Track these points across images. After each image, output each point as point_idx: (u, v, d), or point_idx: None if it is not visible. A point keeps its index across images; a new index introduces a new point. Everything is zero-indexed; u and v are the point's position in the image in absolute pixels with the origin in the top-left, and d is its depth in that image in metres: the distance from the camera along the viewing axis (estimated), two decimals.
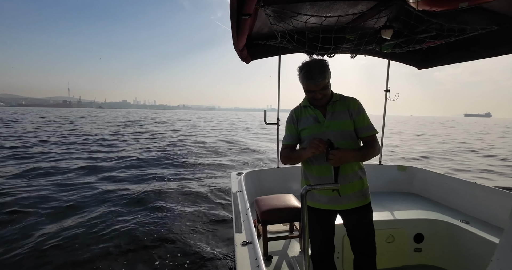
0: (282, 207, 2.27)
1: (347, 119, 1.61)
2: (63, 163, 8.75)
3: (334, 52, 2.76)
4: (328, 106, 1.64)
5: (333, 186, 1.41)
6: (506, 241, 0.71)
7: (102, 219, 4.47)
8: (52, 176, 7.11)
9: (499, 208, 2.42)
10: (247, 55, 2.97)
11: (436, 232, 2.40)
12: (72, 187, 6.23)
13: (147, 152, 11.00)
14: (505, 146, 17.65)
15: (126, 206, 5.14)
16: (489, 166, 10.38)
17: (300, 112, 1.73)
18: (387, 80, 3.48)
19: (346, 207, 1.63)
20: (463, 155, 13.20)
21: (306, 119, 1.68)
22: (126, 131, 21.34)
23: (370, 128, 1.63)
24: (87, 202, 5.27)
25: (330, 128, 1.60)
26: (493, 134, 28.99)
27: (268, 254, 2.24)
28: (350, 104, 1.65)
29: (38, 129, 21.22)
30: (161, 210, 4.94)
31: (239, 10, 1.64)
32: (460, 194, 2.82)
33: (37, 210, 4.77)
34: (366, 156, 1.57)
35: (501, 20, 2.06)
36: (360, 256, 1.73)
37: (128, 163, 8.92)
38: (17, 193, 5.61)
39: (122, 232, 4.04)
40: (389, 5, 1.96)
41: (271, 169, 3.48)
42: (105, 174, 7.47)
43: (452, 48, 2.78)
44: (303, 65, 1.59)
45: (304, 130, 1.68)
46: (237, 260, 1.39)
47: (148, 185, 6.53)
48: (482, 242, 2.08)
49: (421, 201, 3.12)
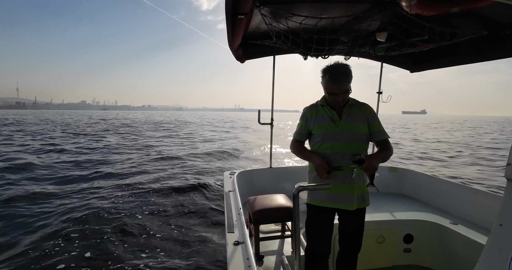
0: (274, 207, 2.28)
1: (363, 123, 1.70)
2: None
3: (328, 54, 2.77)
4: (344, 109, 1.72)
5: (325, 186, 1.42)
6: (493, 242, 0.72)
7: (92, 219, 4.41)
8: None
9: (486, 210, 2.48)
10: (242, 54, 2.96)
11: (425, 233, 2.44)
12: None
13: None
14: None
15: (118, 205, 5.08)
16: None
17: (316, 110, 1.79)
18: (380, 83, 3.52)
19: (349, 208, 1.67)
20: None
21: (322, 118, 1.74)
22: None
23: (384, 132, 1.74)
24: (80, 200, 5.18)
25: (345, 129, 1.68)
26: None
27: (259, 254, 2.24)
28: (367, 109, 1.75)
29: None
30: (153, 208, 4.89)
31: (234, 10, 1.64)
32: (449, 195, 2.87)
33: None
34: (386, 157, 1.67)
35: (491, 25, 2.10)
36: (345, 249, 1.82)
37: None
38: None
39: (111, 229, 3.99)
40: (383, 8, 1.98)
41: (264, 169, 3.49)
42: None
43: (444, 53, 2.83)
44: (329, 68, 1.66)
45: (318, 128, 1.74)
46: (228, 260, 1.39)
47: (138, 182, 6.46)
48: (469, 243, 2.12)
49: (411, 202, 3.17)
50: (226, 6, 1.59)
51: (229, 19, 1.78)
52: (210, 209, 4.99)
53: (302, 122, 1.84)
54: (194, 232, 4.09)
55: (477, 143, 18.44)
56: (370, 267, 2.33)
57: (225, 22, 1.89)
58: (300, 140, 1.84)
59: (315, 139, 1.76)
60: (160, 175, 7.36)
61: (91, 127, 27.30)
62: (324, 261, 1.80)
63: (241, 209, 2.01)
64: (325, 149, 1.69)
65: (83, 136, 17.65)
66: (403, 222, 2.47)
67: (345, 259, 1.84)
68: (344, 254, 1.84)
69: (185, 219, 4.54)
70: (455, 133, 27.44)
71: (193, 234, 4.02)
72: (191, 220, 4.49)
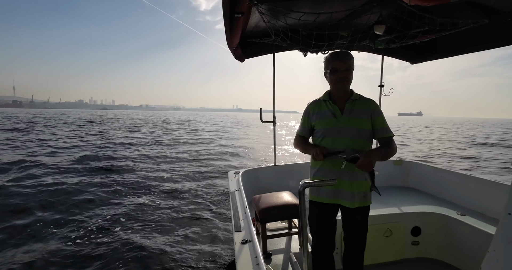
0: (280, 204, 2.28)
1: (366, 118, 1.64)
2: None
3: (328, 49, 2.76)
4: (346, 104, 1.67)
5: (330, 182, 1.42)
6: (501, 232, 0.72)
7: (95, 219, 4.44)
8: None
9: (494, 200, 2.46)
10: (241, 53, 2.95)
11: (433, 225, 2.43)
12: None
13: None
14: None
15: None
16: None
17: (318, 105, 1.76)
18: (381, 76, 3.50)
19: (350, 205, 1.64)
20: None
21: (324, 113, 1.71)
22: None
23: (387, 130, 1.67)
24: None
25: (346, 124, 1.63)
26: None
27: (267, 252, 2.25)
28: (371, 105, 1.68)
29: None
30: (159, 210, 4.92)
31: (232, 9, 1.63)
32: (456, 187, 2.85)
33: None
34: (386, 155, 1.59)
35: (492, 13, 2.08)
36: (349, 249, 1.78)
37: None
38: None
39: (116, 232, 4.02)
40: (382, 1, 1.96)
41: (268, 167, 3.49)
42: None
43: (445, 43, 2.80)
44: (329, 52, 1.72)
45: (320, 123, 1.71)
46: (236, 259, 1.39)
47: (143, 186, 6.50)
48: (478, 234, 2.11)
49: (417, 194, 3.15)
50: (223, 5, 1.58)
51: (226, 18, 1.77)
52: (216, 208, 5.01)
53: (304, 117, 1.82)
54: (201, 232, 4.11)
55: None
56: (378, 261, 2.33)
57: (223, 22, 1.88)
58: (303, 135, 1.82)
59: (317, 134, 1.74)
60: (164, 176, 7.40)
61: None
62: (329, 259, 1.77)
63: (247, 208, 2.02)
64: (326, 145, 1.66)
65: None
66: (410, 215, 2.46)
67: (350, 257, 1.80)
68: (347, 254, 1.80)
69: (191, 219, 4.56)
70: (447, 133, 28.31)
71: (200, 233, 4.04)
72: (197, 221, 4.51)
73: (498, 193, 2.45)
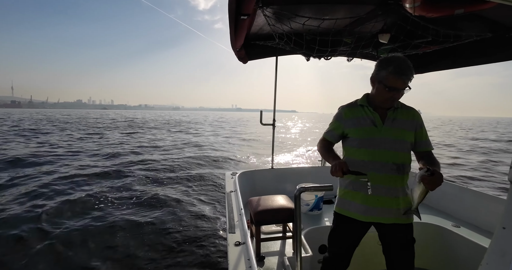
0: (276, 208, 2.27)
1: (410, 130, 1.49)
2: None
3: (331, 55, 2.78)
4: (389, 112, 1.50)
5: (327, 188, 1.42)
6: (496, 245, 0.72)
7: (101, 216, 4.43)
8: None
9: (489, 213, 2.46)
10: (245, 55, 2.96)
11: (427, 236, 2.42)
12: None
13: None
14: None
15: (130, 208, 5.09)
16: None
17: (355, 110, 1.56)
18: None
19: (386, 221, 1.48)
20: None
21: (362, 120, 1.52)
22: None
23: (430, 143, 1.54)
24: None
25: (388, 135, 1.47)
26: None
27: (260, 255, 2.24)
28: (415, 115, 1.54)
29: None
30: (154, 208, 4.90)
31: (237, 10, 1.64)
32: (452, 198, 2.85)
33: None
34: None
35: (496, 27, 2.09)
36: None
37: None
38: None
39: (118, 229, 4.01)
40: (387, 9, 1.97)
41: (265, 170, 3.48)
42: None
43: (447, 54, 2.81)
44: (392, 58, 1.43)
45: (356, 131, 1.52)
46: (229, 260, 1.39)
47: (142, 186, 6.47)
48: (472, 246, 2.10)
49: None
50: (229, 6, 1.59)
51: (232, 19, 1.78)
52: (211, 210, 4.99)
53: (336, 122, 1.61)
54: (195, 232, 4.09)
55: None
56: (371, 269, 2.32)
57: (228, 23, 1.89)
58: (330, 140, 1.64)
59: (351, 143, 1.55)
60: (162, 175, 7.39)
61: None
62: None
63: (242, 210, 2.01)
64: (362, 156, 1.48)
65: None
66: None
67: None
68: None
69: (185, 219, 4.54)
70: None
71: (194, 234, 4.02)
72: (192, 221, 4.49)
73: (494, 206, 2.45)
